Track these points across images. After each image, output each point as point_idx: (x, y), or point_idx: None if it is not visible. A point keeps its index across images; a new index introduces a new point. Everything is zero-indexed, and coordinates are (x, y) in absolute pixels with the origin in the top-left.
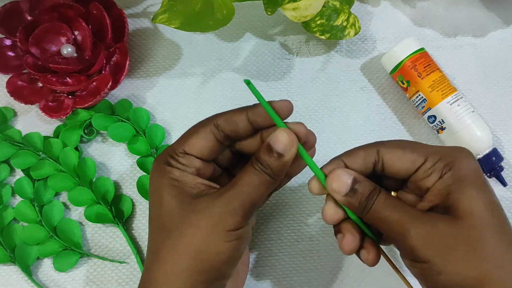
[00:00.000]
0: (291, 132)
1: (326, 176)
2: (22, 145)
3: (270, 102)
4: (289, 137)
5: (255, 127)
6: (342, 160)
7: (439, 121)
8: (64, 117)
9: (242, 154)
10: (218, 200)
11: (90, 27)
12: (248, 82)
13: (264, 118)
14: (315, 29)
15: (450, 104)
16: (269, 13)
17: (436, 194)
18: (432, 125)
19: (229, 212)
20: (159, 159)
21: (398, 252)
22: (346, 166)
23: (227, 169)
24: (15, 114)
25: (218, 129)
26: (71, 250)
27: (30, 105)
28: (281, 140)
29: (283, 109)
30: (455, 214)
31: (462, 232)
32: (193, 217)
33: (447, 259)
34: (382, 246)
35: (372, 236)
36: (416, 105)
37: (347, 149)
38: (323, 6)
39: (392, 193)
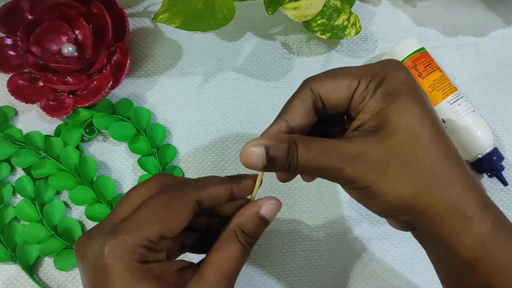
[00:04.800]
0: (277, 198)
1: None
2: (23, 144)
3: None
4: (280, 205)
5: (234, 198)
6: (282, 118)
7: None
8: (65, 116)
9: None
10: None
11: (91, 26)
12: None
13: (248, 192)
14: (316, 29)
15: (451, 104)
16: (269, 12)
17: (366, 112)
18: None
19: None
20: (120, 254)
21: None
22: (289, 124)
23: None
24: (16, 113)
25: (199, 205)
26: (72, 249)
27: (31, 104)
28: (274, 210)
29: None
30: (383, 132)
31: (392, 151)
32: None
33: (382, 181)
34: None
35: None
36: None
37: None
38: (324, 6)
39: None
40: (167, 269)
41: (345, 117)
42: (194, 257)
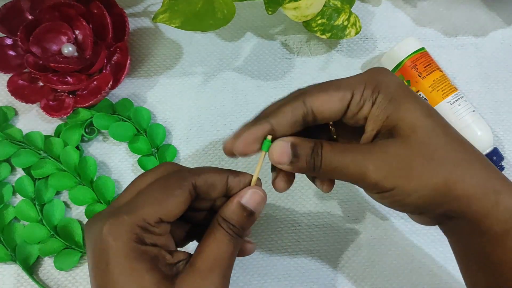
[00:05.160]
0: (262, 189)
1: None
2: (23, 144)
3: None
4: (263, 195)
5: (228, 192)
6: (268, 121)
7: None
8: (65, 116)
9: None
10: (198, 280)
11: (91, 26)
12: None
13: (244, 186)
14: (316, 29)
15: (451, 104)
16: (270, 12)
17: (375, 121)
18: None
19: None
20: (118, 233)
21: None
22: (274, 128)
23: None
24: (16, 113)
25: (196, 190)
26: (72, 249)
27: (31, 104)
28: (255, 199)
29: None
30: (401, 133)
31: (413, 148)
32: None
33: (410, 179)
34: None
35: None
36: None
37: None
38: (324, 6)
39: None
40: (163, 256)
41: (331, 126)
42: None
